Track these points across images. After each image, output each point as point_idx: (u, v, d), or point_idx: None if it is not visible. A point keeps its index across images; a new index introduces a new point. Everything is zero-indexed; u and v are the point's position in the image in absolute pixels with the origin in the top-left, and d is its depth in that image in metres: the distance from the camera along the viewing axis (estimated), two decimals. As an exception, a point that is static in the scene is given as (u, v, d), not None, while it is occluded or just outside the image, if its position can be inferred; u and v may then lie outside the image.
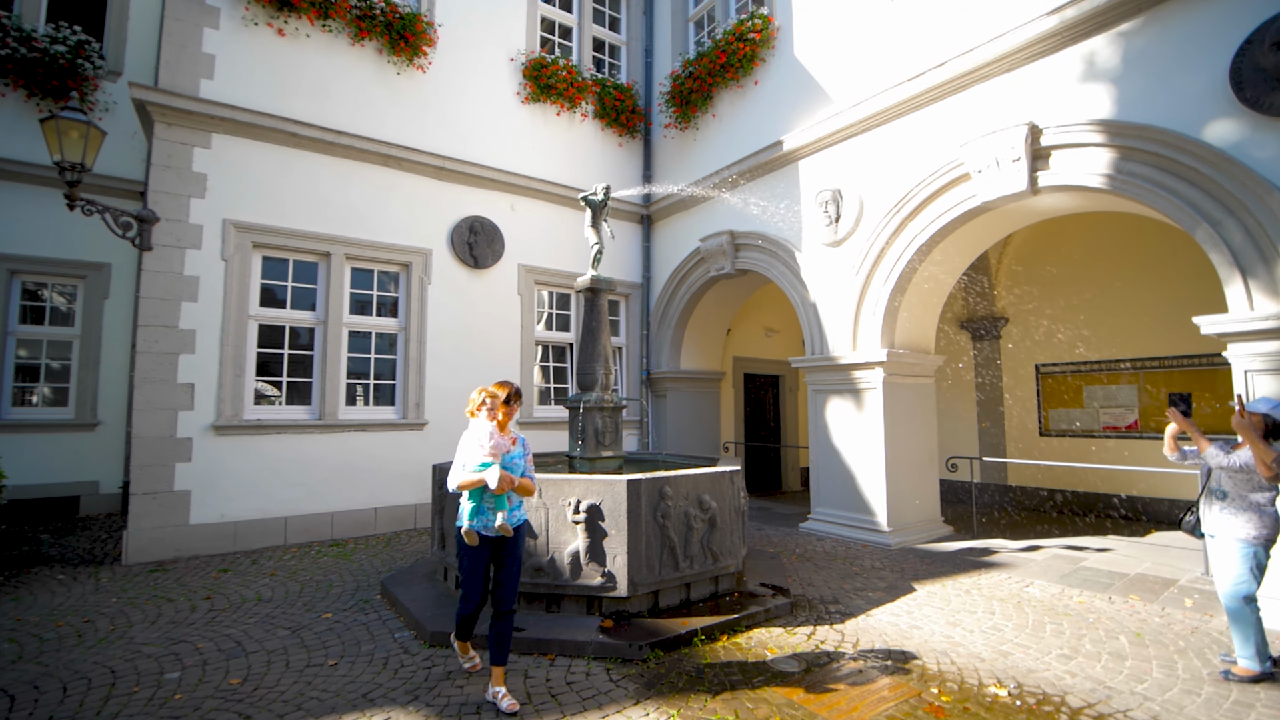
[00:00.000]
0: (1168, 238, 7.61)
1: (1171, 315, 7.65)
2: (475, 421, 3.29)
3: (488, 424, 3.25)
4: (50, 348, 7.98)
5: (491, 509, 3.19)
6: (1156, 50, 4.84)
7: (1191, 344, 7.51)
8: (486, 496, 3.19)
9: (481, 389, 3.34)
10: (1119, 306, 8.20)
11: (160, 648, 3.84)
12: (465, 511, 3.21)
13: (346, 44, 7.25)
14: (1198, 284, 7.35)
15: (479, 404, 3.29)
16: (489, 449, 3.17)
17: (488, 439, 3.19)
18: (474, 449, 3.19)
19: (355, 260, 7.28)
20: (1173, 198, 4.74)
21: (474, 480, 3.14)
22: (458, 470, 3.20)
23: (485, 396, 3.29)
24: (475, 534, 3.17)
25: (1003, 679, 3.47)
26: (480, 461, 3.16)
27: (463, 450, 3.24)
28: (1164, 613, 4.54)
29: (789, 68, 7.70)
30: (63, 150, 5.38)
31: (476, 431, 3.23)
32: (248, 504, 6.37)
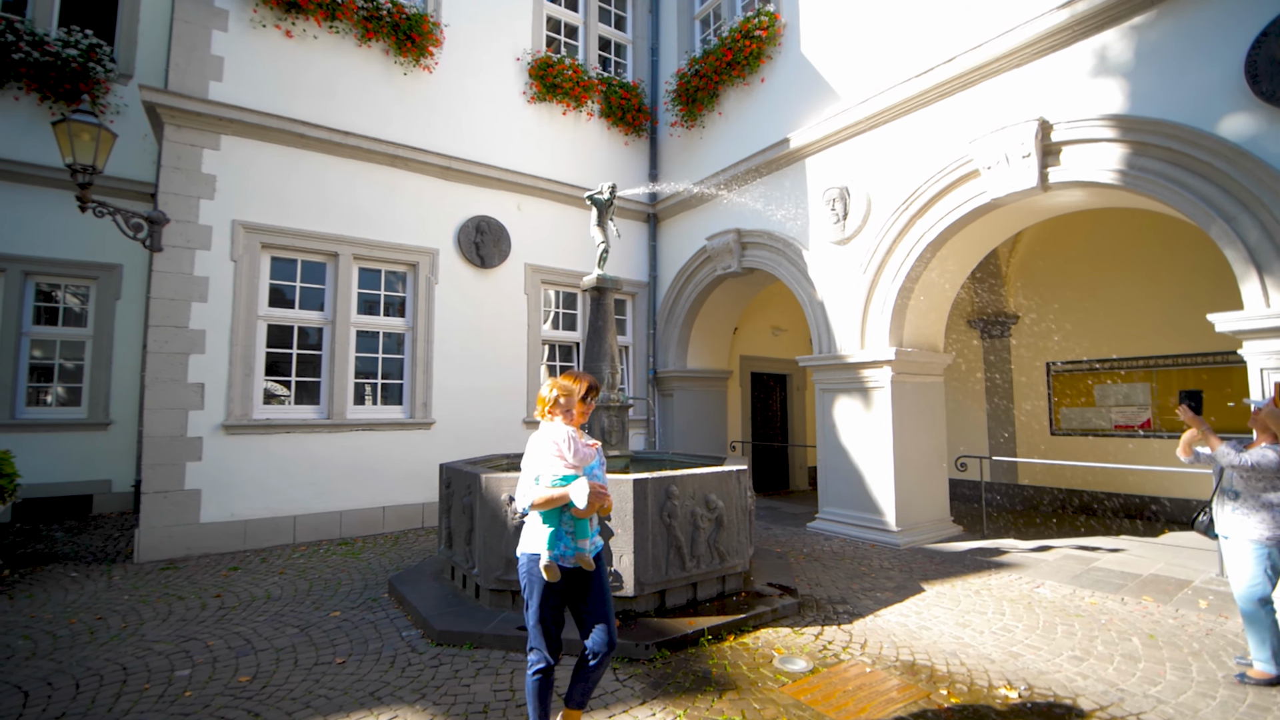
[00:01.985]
0: (1180, 234, 7.52)
1: (1185, 313, 7.55)
2: (548, 425, 2.70)
3: (565, 428, 2.66)
4: (63, 348, 8.07)
5: (572, 534, 2.58)
6: (1169, 44, 4.77)
7: (1205, 342, 7.40)
8: (566, 518, 2.58)
9: (553, 383, 2.75)
10: (1131, 304, 8.11)
11: (171, 645, 3.88)
12: (541, 538, 2.56)
13: (353, 45, 7.28)
14: (1211, 281, 7.26)
15: (552, 403, 2.71)
16: (571, 459, 2.60)
17: (568, 446, 2.61)
18: (549, 459, 2.60)
19: (363, 260, 7.31)
20: (1186, 193, 4.67)
21: (554, 498, 2.52)
22: (528, 485, 2.59)
23: (559, 394, 2.71)
24: (557, 568, 2.53)
25: (1013, 681, 3.44)
26: (561, 474, 2.57)
27: (533, 460, 2.63)
28: (1178, 614, 4.48)
29: (796, 65, 7.66)
30: (74, 152, 5.43)
31: (551, 436, 2.64)
32: (257, 503, 6.42)
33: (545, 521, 2.58)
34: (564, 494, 2.51)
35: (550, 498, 2.53)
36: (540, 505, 2.54)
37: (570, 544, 2.56)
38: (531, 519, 2.64)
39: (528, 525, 2.67)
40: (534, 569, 2.57)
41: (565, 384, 2.74)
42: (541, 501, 2.53)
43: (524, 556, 2.62)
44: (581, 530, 2.59)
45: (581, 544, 2.57)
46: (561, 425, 2.67)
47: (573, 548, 2.56)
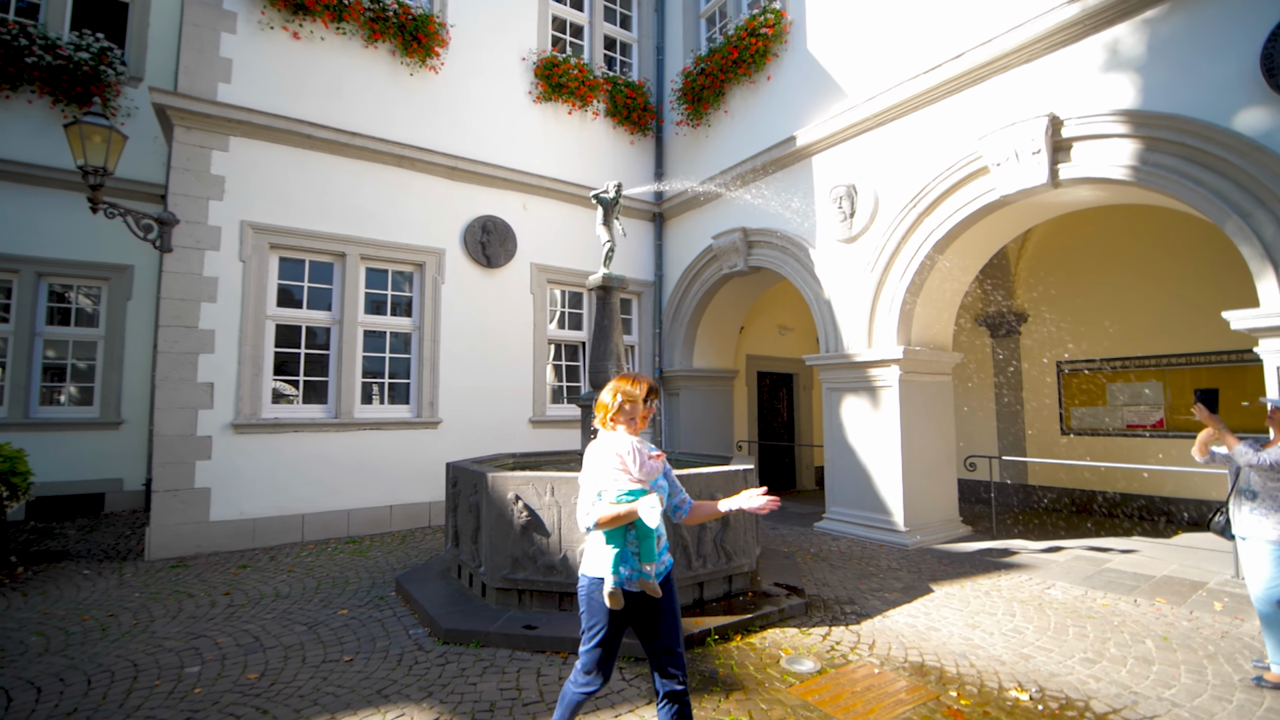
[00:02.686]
0: (1192, 231, 7.42)
1: (1198, 311, 7.46)
2: (610, 435, 2.44)
3: (629, 438, 2.40)
4: (76, 348, 8.16)
5: (638, 555, 2.33)
6: (1182, 37, 4.71)
7: (1219, 340, 7.31)
8: (631, 538, 2.35)
9: (615, 386, 2.46)
10: (1143, 302, 8.01)
11: (181, 642, 3.90)
12: (605, 560, 2.32)
13: (360, 46, 7.31)
14: (1225, 278, 7.16)
15: (615, 410, 2.43)
16: (637, 472, 2.35)
17: (634, 458, 2.36)
18: (612, 472, 2.35)
19: (370, 260, 7.34)
20: (1200, 189, 4.61)
21: (620, 515, 2.27)
22: (589, 500, 2.35)
23: (623, 399, 2.43)
24: (621, 594, 2.28)
25: (1024, 683, 3.40)
26: (626, 489, 2.33)
27: (594, 474, 2.38)
28: (1192, 616, 4.42)
29: (802, 62, 7.62)
30: (86, 154, 5.48)
31: (614, 447, 2.38)
32: (266, 501, 6.46)
33: (609, 542, 2.33)
34: (631, 511, 2.26)
35: (616, 515, 2.27)
36: (605, 524, 2.28)
37: (635, 567, 2.32)
38: (593, 539, 2.42)
39: (589, 546, 2.45)
40: (595, 594, 2.33)
41: (628, 388, 2.45)
42: (606, 520, 2.28)
43: (585, 579, 2.39)
44: (648, 552, 2.33)
45: (647, 567, 2.32)
46: (625, 435, 2.41)
47: (638, 571, 2.32)
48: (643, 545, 2.33)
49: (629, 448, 2.37)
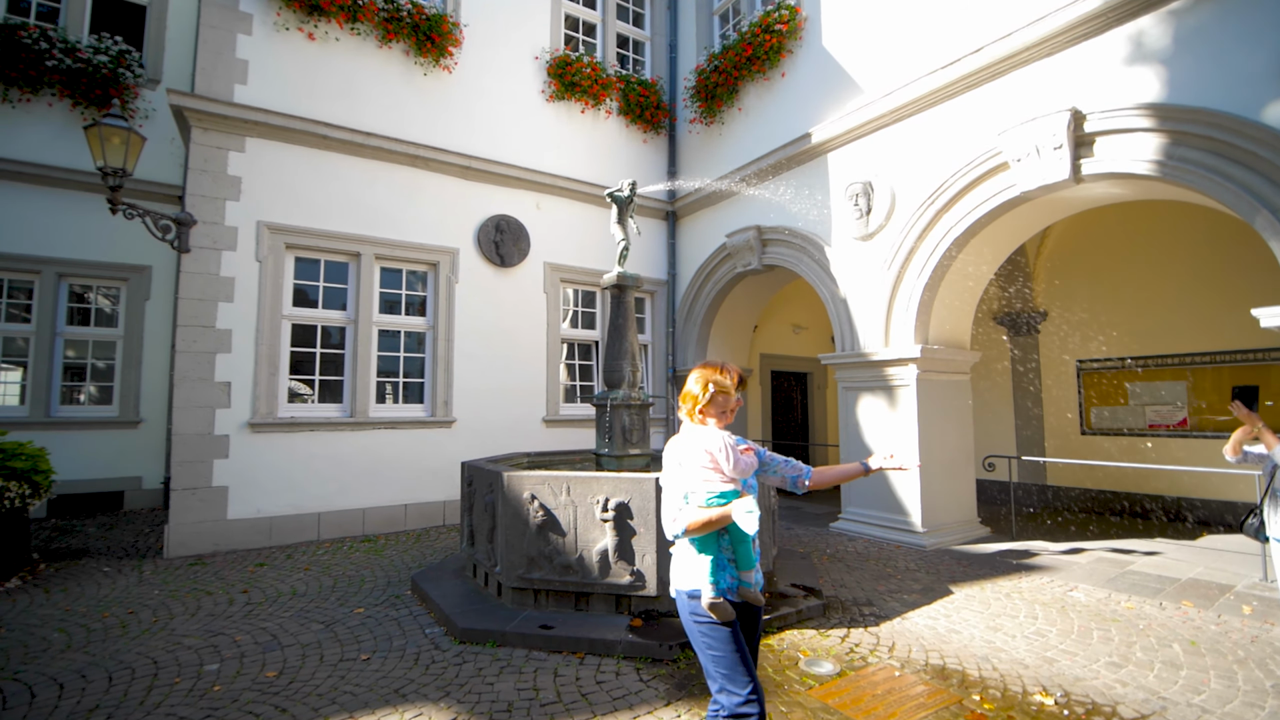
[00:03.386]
0: (1216, 227, 7.28)
1: (1221, 308, 7.32)
2: (698, 430, 2.20)
3: (720, 432, 2.18)
4: (95, 348, 8.26)
5: (735, 562, 2.13)
6: (1210, 29, 4.60)
7: (1244, 338, 7.17)
8: (725, 544, 2.13)
9: (704, 376, 2.21)
10: (1165, 300, 7.87)
11: (200, 639, 3.93)
12: (700, 570, 2.09)
13: (374, 46, 7.34)
14: (1252, 275, 7.02)
15: (706, 401, 2.19)
16: (730, 471, 2.12)
17: (727, 456, 2.11)
18: (701, 471, 2.11)
19: (384, 260, 7.37)
20: (1229, 184, 4.50)
21: (713, 519, 2.03)
22: (675, 504, 2.11)
23: (715, 389, 2.19)
24: (727, 604, 2.05)
25: (1048, 687, 3.34)
26: (718, 490, 2.09)
27: (679, 474, 2.14)
28: (1220, 620, 4.32)
29: (817, 59, 7.55)
30: (105, 156, 5.54)
31: (703, 443, 2.13)
32: (282, 500, 6.50)
33: (701, 550, 2.10)
34: (724, 515, 2.02)
35: (707, 520, 2.03)
36: (696, 530, 2.05)
37: (734, 575, 2.11)
38: (681, 549, 2.18)
39: (677, 556, 2.20)
40: (699, 610, 2.08)
41: (718, 377, 2.20)
42: (697, 525, 2.04)
43: (681, 595, 2.14)
44: (745, 558, 2.12)
45: (747, 575, 2.12)
46: (716, 429, 2.18)
47: (738, 579, 2.11)
48: (739, 551, 2.12)
49: (721, 443, 2.12)
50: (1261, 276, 6.91)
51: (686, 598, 2.13)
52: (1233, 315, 7.23)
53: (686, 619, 2.13)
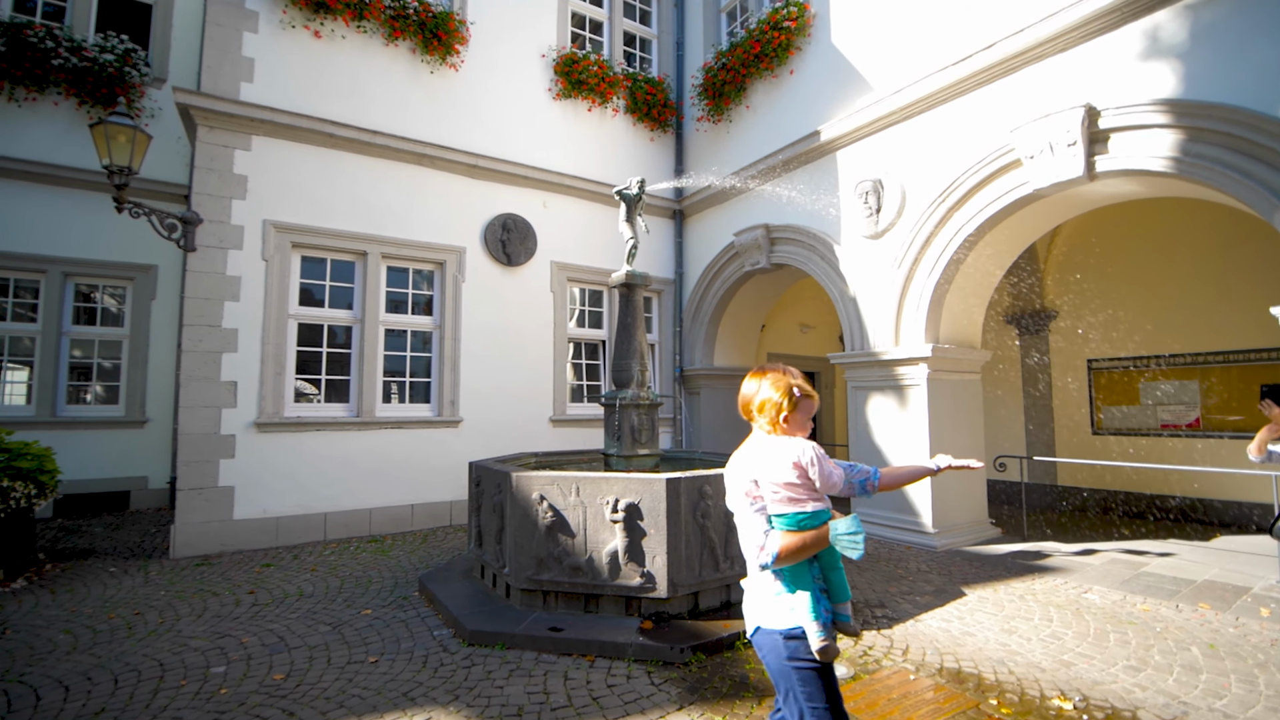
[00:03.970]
0: (1229, 225, 7.20)
1: (1235, 306, 7.23)
2: (781, 441, 1.91)
3: (810, 444, 1.89)
4: (102, 347, 8.26)
5: (828, 593, 1.89)
6: (1229, 23, 4.53)
7: (1258, 337, 7.09)
8: (816, 571, 1.87)
9: (783, 382, 1.93)
10: (1176, 298, 7.78)
11: (206, 641, 3.90)
12: (799, 606, 1.80)
13: (380, 44, 7.30)
14: (1266, 273, 6.95)
15: (790, 408, 1.91)
16: (825, 485, 1.87)
17: (821, 469, 1.85)
18: (787, 489, 1.83)
19: (391, 259, 7.34)
20: (1247, 180, 4.43)
21: (809, 543, 1.77)
22: (758, 526, 1.83)
23: (800, 393, 1.92)
24: (835, 645, 1.78)
25: (1066, 691, 3.28)
26: (810, 509, 1.83)
27: (757, 492, 1.86)
28: (1238, 623, 4.25)
29: (826, 56, 7.49)
30: (111, 154, 5.52)
31: (790, 456, 1.85)
32: (289, 500, 6.47)
33: (795, 583, 1.82)
34: (821, 537, 1.78)
35: (804, 544, 1.76)
36: (792, 556, 1.76)
37: (829, 608, 1.85)
38: (764, 581, 1.88)
39: (760, 589, 1.90)
40: (801, 653, 1.79)
41: (801, 382, 1.95)
42: (793, 549, 1.76)
43: (773, 636, 1.83)
44: (841, 587, 1.89)
45: (842, 607, 1.88)
46: (803, 440, 1.90)
47: (833, 613, 1.86)
48: (833, 580, 1.89)
49: (813, 456, 1.85)
50: (1276, 274, 6.83)
51: (782, 639, 1.82)
52: (1246, 314, 7.15)
53: (779, 663, 1.84)
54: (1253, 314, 7.05)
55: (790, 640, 1.82)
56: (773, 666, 1.87)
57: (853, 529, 1.75)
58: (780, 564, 1.79)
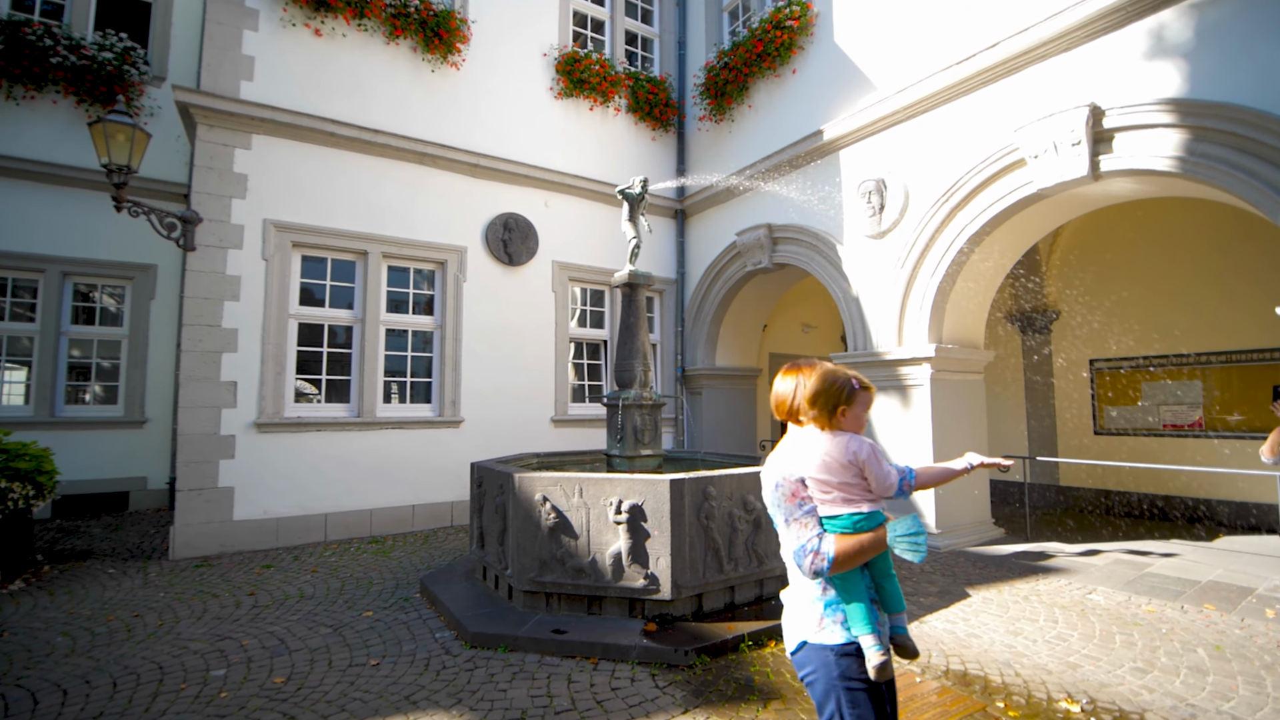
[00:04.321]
0: (1232, 224, 7.18)
1: (1238, 306, 7.22)
2: (835, 437, 1.76)
3: (867, 440, 1.79)
4: (100, 347, 8.22)
5: (880, 604, 1.75)
6: (1233, 21, 4.51)
7: (1261, 337, 7.07)
8: (868, 580, 1.75)
9: (838, 376, 1.78)
10: (1179, 298, 7.76)
11: (206, 644, 3.86)
12: (853, 618, 1.67)
13: (381, 43, 7.27)
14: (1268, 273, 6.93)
15: (845, 401, 1.76)
16: (882, 485, 1.76)
17: (880, 467, 1.75)
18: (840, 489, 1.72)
19: (392, 259, 7.30)
20: (1252, 180, 4.41)
21: (867, 546, 1.65)
22: (806, 528, 1.67)
23: (858, 386, 1.78)
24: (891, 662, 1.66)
25: (1074, 693, 3.26)
26: (865, 510, 1.72)
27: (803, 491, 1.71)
28: (1244, 624, 4.23)
29: (829, 55, 7.47)
30: (110, 153, 5.49)
31: (846, 454, 1.73)
32: (289, 500, 6.44)
33: (847, 592, 1.68)
34: (878, 540, 1.65)
35: (860, 547, 1.63)
36: (848, 561, 1.63)
37: (881, 620, 1.71)
38: (807, 592, 1.74)
39: (802, 599, 1.75)
40: (854, 670, 1.65)
41: (855, 373, 1.81)
42: (850, 552, 1.63)
43: (822, 652, 1.67)
44: (895, 596, 1.76)
45: (898, 619, 1.76)
46: (859, 436, 1.78)
47: (888, 625, 1.73)
48: (887, 589, 1.75)
49: (870, 452, 1.74)
50: (1278, 274, 6.82)
51: (834, 655, 1.65)
52: (1249, 313, 7.13)
53: (828, 680, 1.66)
54: (1255, 314, 7.04)
55: (843, 657, 1.66)
56: (818, 685, 1.70)
57: (913, 529, 1.62)
58: (836, 570, 1.64)
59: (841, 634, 1.68)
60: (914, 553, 1.62)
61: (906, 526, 1.64)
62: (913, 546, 1.62)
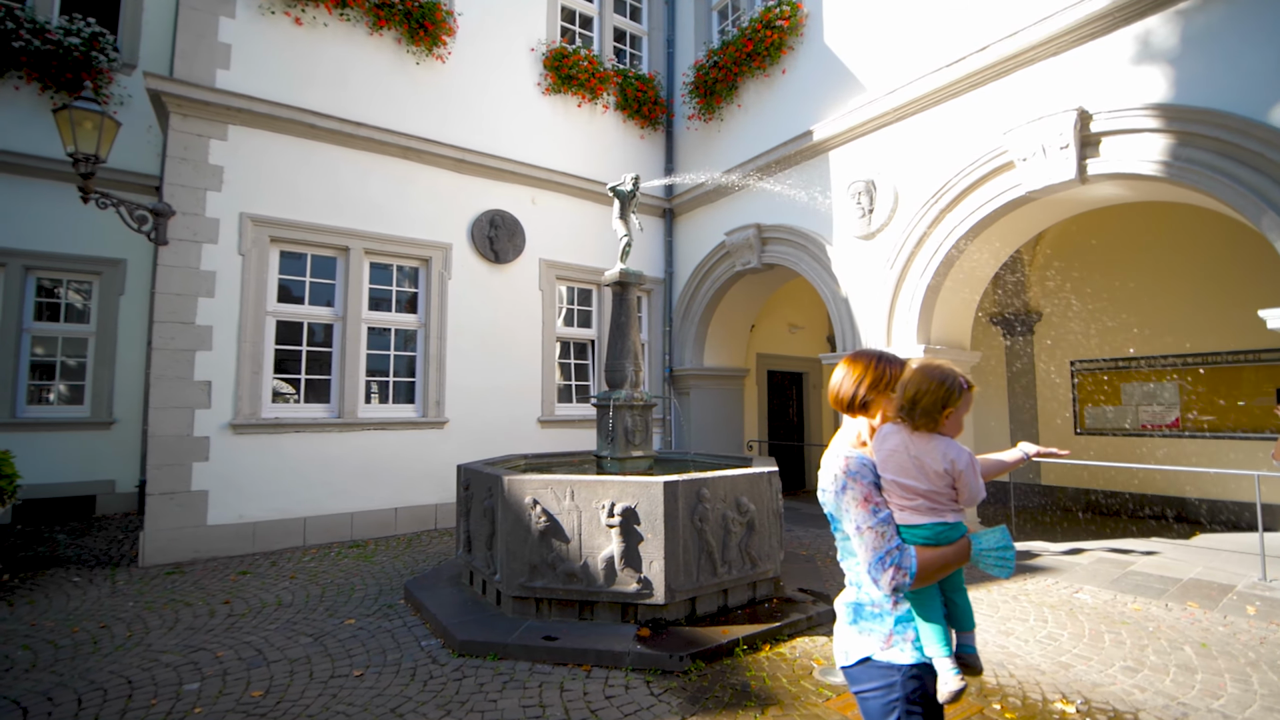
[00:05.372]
0: (1211, 228, 7.34)
1: (1216, 309, 7.39)
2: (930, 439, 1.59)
3: (961, 446, 1.60)
4: (66, 345, 7.89)
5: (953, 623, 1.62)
6: (1219, 29, 4.57)
7: (1236, 339, 7.24)
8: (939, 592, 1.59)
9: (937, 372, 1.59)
10: (1159, 301, 7.91)
11: (179, 656, 3.69)
12: (926, 638, 1.53)
13: (365, 33, 7.09)
14: (1247, 276, 7.09)
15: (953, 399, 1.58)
16: (974, 493, 1.58)
17: (970, 476, 1.57)
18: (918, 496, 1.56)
19: (374, 255, 7.12)
20: (1235, 185, 4.47)
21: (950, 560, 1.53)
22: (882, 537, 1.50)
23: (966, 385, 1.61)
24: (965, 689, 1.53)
25: (1068, 694, 3.26)
26: (950, 519, 1.57)
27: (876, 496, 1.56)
28: (1227, 621, 4.30)
29: (819, 55, 7.46)
30: (76, 141, 5.25)
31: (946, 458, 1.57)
32: (266, 504, 6.23)
33: (920, 609, 1.54)
34: (962, 552, 1.53)
35: (944, 561, 1.50)
36: (932, 574, 1.49)
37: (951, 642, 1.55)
38: (871, 606, 1.60)
39: (868, 613, 1.60)
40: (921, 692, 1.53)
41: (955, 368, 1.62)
42: (935, 566, 1.49)
43: (887, 672, 1.55)
44: (967, 613, 1.62)
45: (967, 637, 1.63)
46: (955, 442, 1.60)
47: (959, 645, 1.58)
48: (959, 604, 1.61)
49: (968, 462, 1.56)
50: (1258, 277, 6.98)
51: (902, 677, 1.53)
52: (1224, 316, 7.30)
53: (888, 701, 1.54)
54: (1233, 317, 7.21)
55: (912, 679, 1.53)
56: (874, 703, 1.58)
57: (1002, 543, 1.51)
58: (916, 586, 1.50)
59: (912, 654, 1.54)
60: (1003, 568, 1.52)
61: (995, 539, 1.53)
62: (1000, 562, 1.52)
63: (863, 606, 1.63)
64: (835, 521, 1.67)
